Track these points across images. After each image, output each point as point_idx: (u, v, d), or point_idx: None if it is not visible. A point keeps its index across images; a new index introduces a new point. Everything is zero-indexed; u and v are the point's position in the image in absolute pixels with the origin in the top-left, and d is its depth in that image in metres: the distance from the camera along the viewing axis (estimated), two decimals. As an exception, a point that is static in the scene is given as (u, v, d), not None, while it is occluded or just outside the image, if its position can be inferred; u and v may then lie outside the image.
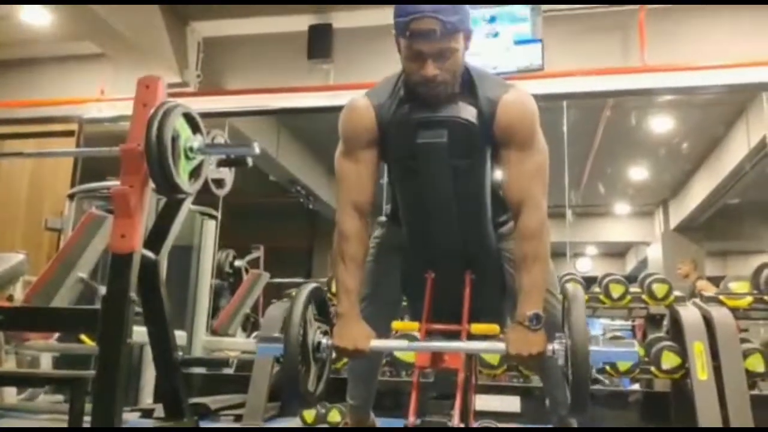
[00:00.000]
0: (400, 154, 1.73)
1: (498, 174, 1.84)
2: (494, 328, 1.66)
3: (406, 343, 1.69)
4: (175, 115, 2.44)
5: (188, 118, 2.54)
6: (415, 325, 1.72)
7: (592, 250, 11.25)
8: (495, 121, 1.66)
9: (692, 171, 8.12)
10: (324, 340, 1.71)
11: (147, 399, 4.08)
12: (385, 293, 1.93)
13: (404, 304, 2.06)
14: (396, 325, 1.73)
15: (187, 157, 2.52)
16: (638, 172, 8.72)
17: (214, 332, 4.96)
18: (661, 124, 6.96)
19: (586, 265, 10.61)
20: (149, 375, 4.10)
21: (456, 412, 1.51)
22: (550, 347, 1.58)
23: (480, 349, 1.77)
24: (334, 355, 1.73)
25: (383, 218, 1.98)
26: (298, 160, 7.55)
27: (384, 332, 2.00)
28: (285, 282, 5.56)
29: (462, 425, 1.50)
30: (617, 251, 11.52)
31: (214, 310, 5.23)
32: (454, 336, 1.69)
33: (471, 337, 1.67)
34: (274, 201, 8.77)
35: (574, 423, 2.06)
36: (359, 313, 1.71)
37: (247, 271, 6.20)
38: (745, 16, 4.77)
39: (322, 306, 1.77)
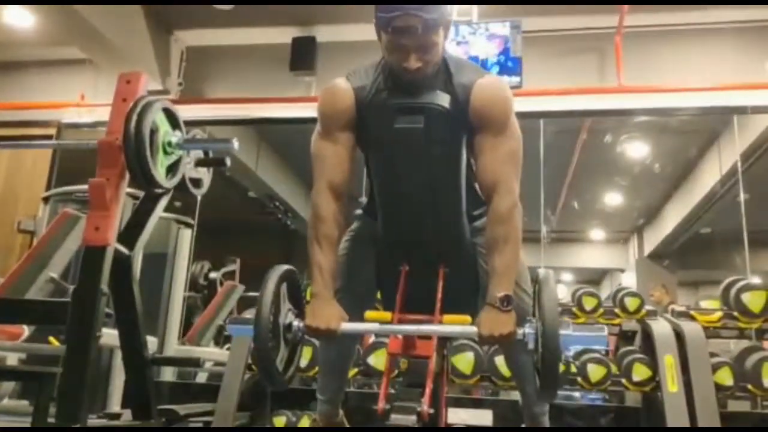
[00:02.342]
0: (378, 139, 1.75)
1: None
2: (466, 318, 1.67)
3: (378, 325, 1.69)
4: (155, 108, 2.45)
5: (168, 113, 2.55)
6: (388, 315, 1.72)
7: (568, 277, 11.32)
8: (469, 105, 1.69)
9: (666, 198, 8.25)
10: (295, 322, 1.70)
11: (115, 407, 4.00)
12: (358, 286, 1.93)
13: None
14: (369, 314, 1.73)
15: (166, 152, 2.52)
16: (614, 198, 8.84)
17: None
18: (636, 149, 7.08)
19: (561, 292, 10.66)
20: (118, 382, 4.02)
21: (426, 399, 1.51)
22: (520, 331, 1.60)
23: (452, 333, 1.77)
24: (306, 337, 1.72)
25: (359, 211, 1.99)
26: (277, 175, 7.54)
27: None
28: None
29: (431, 411, 1.50)
30: (592, 278, 11.61)
31: (186, 327, 5.16)
32: (426, 326, 1.69)
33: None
34: (252, 219, 8.72)
35: (546, 421, 2.06)
36: (333, 294, 1.71)
37: (221, 283, 6.14)
38: (718, 42, 4.92)
39: (294, 290, 1.76)
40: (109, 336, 2.82)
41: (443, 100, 1.68)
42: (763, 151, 5.31)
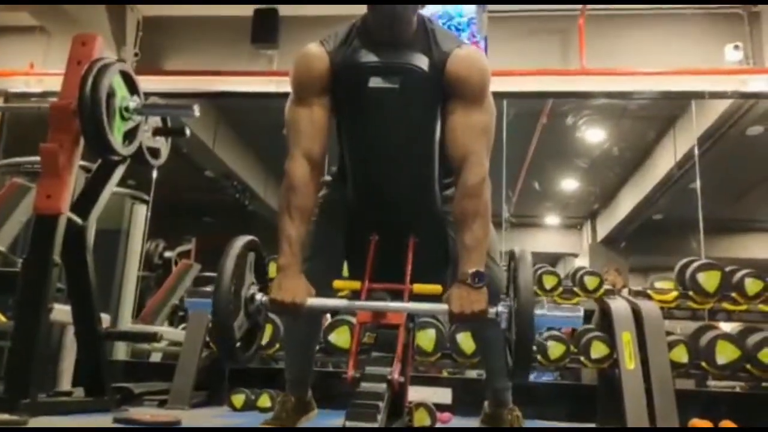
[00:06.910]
0: (351, 101, 1.70)
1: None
2: (436, 287, 1.64)
3: (346, 301, 1.64)
4: (112, 71, 2.36)
5: (125, 76, 2.46)
6: (357, 283, 1.67)
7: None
8: (445, 73, 1.65)
9: (621, 183, 8.39)
10: (258, 296, 1.62)
11: (66, 387, 3.87)
12: (327, 256, 1.87)
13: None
14: (337, 283, 1.68)
15: (123, 118, 2.43)
16: (570, 183, 8.95)
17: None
18: (593, 134, 7.17)
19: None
20: (69, 361, 3.89)
21: (395, 367, 1.47)
22: (492, 310, 1.55)
23: (422, 311, 1.73)
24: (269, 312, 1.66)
25: (328, 178, 1.93)
26: (236, 153, 7.37)
27: (326, 296, 1.96)
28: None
29: (401, 379, 1.47)
30: (546, 263, 11.76)
31: (140, 307, 5.03)
32: (396, 294, 1.65)
33: (413, 296, 1.64)
34: (209, 198, 8.55)
35: (508, 396, 2.05)
36: (300, 268, 1.64)
37: (176, 263, 6.01)
38: (678, 27, 5.01)
39: (258, 262, 1.69)
40: (61, 312, 2.71)
41: (421, 61, 1.65)
42: (717, 138, 5.44)
